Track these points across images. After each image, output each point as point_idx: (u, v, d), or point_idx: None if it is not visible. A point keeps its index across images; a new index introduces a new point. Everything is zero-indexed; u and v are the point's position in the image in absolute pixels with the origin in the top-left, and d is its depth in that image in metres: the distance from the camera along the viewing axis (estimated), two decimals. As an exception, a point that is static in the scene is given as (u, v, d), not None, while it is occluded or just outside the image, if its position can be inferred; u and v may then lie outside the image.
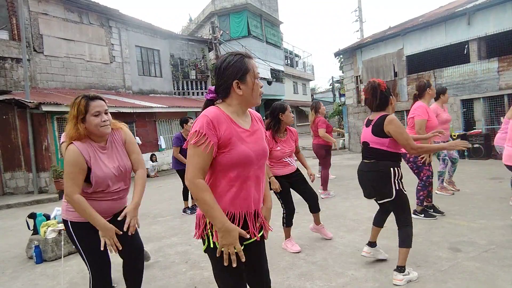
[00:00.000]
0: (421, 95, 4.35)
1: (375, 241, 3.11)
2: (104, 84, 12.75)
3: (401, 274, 2.68)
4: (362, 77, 13.19)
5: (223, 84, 1.53)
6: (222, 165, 1.50)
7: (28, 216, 4.29)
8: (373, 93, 2.80)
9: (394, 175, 2.69)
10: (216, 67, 1.56)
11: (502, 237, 3.46)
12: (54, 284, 3.35)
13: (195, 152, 1.45)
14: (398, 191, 2.70)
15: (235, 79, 1.50)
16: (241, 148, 1.50)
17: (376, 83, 2.81)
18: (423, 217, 4.25)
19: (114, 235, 2.10)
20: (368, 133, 2.80)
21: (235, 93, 1.52)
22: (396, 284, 2.66)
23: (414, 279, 2.74)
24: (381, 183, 2.72)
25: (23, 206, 8.16)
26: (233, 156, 1.49)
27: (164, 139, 13.31)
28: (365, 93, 2.92)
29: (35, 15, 10.66)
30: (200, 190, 1.45)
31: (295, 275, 3.03)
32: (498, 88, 9.15)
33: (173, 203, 6.66)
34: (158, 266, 3.55)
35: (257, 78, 1.56)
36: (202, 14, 23.79)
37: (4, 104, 9.45)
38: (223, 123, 1.48)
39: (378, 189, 2.78)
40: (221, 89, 1.54)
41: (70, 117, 2.11)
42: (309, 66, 37.98)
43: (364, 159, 2.89)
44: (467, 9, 9.54)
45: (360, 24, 19.94)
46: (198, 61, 17.00)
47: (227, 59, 1.53)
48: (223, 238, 1.46)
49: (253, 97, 1.56)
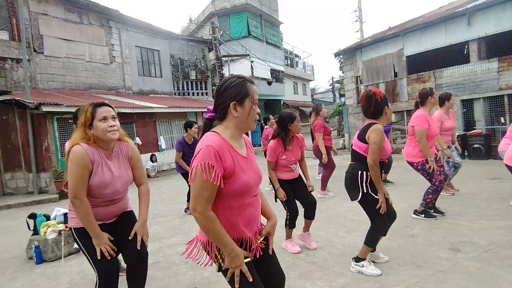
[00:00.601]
0: (423, 103, 4.28)
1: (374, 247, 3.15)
2: (104, 85, 12.75)
3: (354, 262, 2.99)
4: (362, 78, 13.20)
5: (221, 104, 1.54)
6: (224, 194, 1.51)
7: (28, 217, 4.29)
8: (368, 102, 2.87)
9: (361, 179, 2.82)
10: (218, 86, 1.58)
11: (502, 237, 3.46)
12: (54, 284, 3.34)
13: (205, 185, 1.42)
14: (365, 194, 2.82)
15: (234, 101, 1.51)
16: (243, 178, 1.52)
17: (371, 92, 2.88)
18: (423, 218, 4.26)
19: (108, 242, 2.14)
20: (355, 136, 2.96)
21: (231, 115, 1.53)
22: (350, 270, 2.99)
23: (366, 273, 2.89)
24: (350, 184, 2.92)
25: (23, 206, 8.16)
26: (235, 186, 1.50)
27: (164, 139, 13.31)
28: (361, 101, 3.01)
29: (35, 15, 10.66)
30: (211, 222, 1.45)
31: (295, 275, 3.03)
32: (498, 88, 9.15)
33: (173, 203, 6.66)
34: (158, 266, 3.55)
35: (255, 104, 1.57)
36: (202, 14, 23.81)
37: (4, 105, 9.45)
38: (226, 152, 1.48)
39: (349, 187, 2.97)
40: (219, 109, 1.55)
41: (79, 125, 2.17)
42: (309, 66, 38.00)
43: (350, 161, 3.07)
44: (467, 9, 9.55)
45: (360, 24, 19.95)
46: (198, 61, 17.01)
47: (229, 80, 1.55)
48: (231, 262, 1.51)
49: (248, 122, 1.57)
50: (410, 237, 3.72)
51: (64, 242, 3.93)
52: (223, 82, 1.56)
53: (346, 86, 14.27)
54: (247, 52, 19.33)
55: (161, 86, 15.28)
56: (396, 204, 5.02)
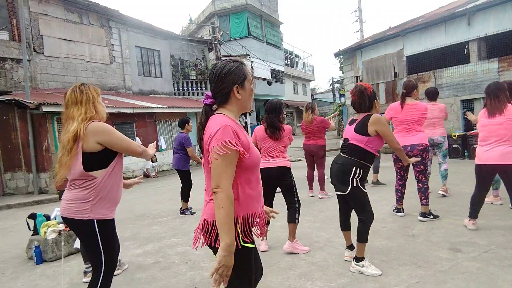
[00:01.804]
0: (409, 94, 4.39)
1: (352, 244, 3.22)
2: (104, 85, 12.75)
3: (354, 262, 2.99)
4: (362, 78, 13.20)
5: (223, 89, 1.57)
6: (243, 169, 1.54)
7: (28, 217, 4.29)
8: (360, 96, 2.97)
9: (354, 173, 2.87)
10: (216, 73, 1.58)
11: (502, 238, 3.46)
12: (54, 284, 3.34)
13: (228, 161, 1.45)
14: (354, 188, 2.88)
15: (236, 84, 1.57)
16: (255, 151, 1.61)
17: (363, 87, 2.98)
18: (432, 219, 4.21)
19: None
20: (351, 130, 2.97)
21: (235, 98, 1.58)
22: (350, 270, 3.00)
23: (367, 273, 2.89)
24: (340, 176, 2.95)
25: (23, 206, 8.17)
26: (252, 159, 1.56)
27: (164, 139, 13.31)
28: (352, 95, 3.05)
29: (35, 15, 10.66)
30: (229, 200, 1.45)
31: (295, 276, 3.03)
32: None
33: (173, 203, 6.66)
34: (158, 266, 3.55)
35: (251, 83, 1.64)
36: (202, 14, 23.82)
37: (4, 105, 9.45)
38: (239, 130, 1.54)
39: (338, 180, 3.00)
40: (220, 94, 1.58)
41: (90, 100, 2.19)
42: (309, 66, 38.01)
43: (340, 152, 3.08)
44: (467, 10, 9.55)
45: (360, 24, 19.95)
46: (198, 61, 17.01)
47: (227, 66, 1.58)
48: (226, 258, 1.41)
49: (249, 101, 1.66)
50: (410, 237, 3.72)
51: (64, 242, 3.93)
52: (221, 68, 1.58)
53: (346, 86, 14.28)
54: (247, 52, 19.34)
55: (161, 86, 15.28)
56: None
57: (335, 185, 3.09)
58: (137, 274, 3.40)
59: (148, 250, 4.08)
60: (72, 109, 2.17)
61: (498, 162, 3.48)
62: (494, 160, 3.51)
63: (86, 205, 2.11)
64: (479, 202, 3.74)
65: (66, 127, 2.16)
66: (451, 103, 10.31)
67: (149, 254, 3.96)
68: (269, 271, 3.15)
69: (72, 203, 2.14)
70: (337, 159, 3.07)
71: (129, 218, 5.77)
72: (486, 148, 3.60)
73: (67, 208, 2.16)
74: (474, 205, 3.75)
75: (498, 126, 3.50)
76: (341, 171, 2.95)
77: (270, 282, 2.94)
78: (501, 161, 3.46)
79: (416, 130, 4.25)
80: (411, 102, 4.30)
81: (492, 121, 3.55)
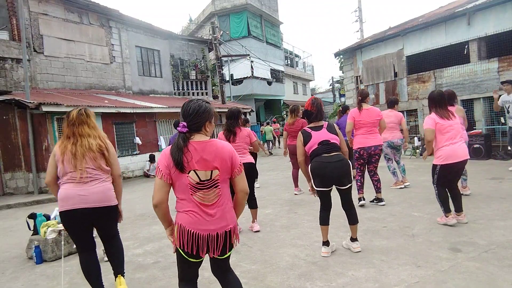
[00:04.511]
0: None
1: (328, 240, 3.45)
2: (104, 85, 12.75)
3: (357, 242, 3.43)
4: (362, 78, 13.20)
5: (198, 122, 1.93)
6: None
7: (28, 217, 4.29)
8: (319, 108, 3.46)
9: (352, 166, 3.46)
10: (194, 110, 1.92)
11: (502, 237, 3.46)
12: (54, 284, 3.35)
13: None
14: (352, 179, 3.41)
15: (208, 120, 1.97)
16: None
17: (319, 100, 3.54)
18: (383, 204, 5.02)
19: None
20: (324, 134, 3.35)
21: (205, 130, 1.97)
22: (357, 251, 3.37)
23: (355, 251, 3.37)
24: (346, 171, 3.30)
25: (23, 206, 8.16)
26: None
27: (164, 139, 13.31)
28: (312, 106, 3.46)
29: (35, 15, 10.66)
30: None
31: (295, 275, 3.03)
32: (498, 88, 9.14)
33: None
34: (158, 266, 3.55)
35: (215, 120, 2.11)
36: (202, 14, 23.83)
37: (4, 105, 9.45)
38: None
39: (344, 176, 3.28)
40: (195, 126, 1.92)
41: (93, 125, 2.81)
42: (309, 66, 38.00)
43: (326, 154, 3.30)
44: (467, 9, 9.55)
45: (360, 24, 19.95)
46: (198, 61, 17.01)
47: (203, 105, 1.95)
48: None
49: (210, 132, 2.04)
50: (410, 237, 3.72)
51: (64, 242, 3.93)
52: (199, 106, 1.93)
53: (346, 86, 14.28)
54: (247, 52, 19.33)
55: (161, 86, 15.28)
56: (397, 204, 5.04)
57: (336, 182, 3.32)
58: (137, 274, 3.40)
59: (148, 250, 4.08)
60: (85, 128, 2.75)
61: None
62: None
63: (113, 193, 2.79)
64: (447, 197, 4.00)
65: (80, 141, 2.69)
66: (451, 103, 10.30)
67: (149, 254, 3.96)
68: (269, 271, 3.15)
69: (108, 191, 2.73)
70: (331, 159, 3.28)
71: (129, 218, 5.77)
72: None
73: (107, 196, 2.71)
74: (443, 202, 3.97)
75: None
76: (344, 167, 3.29)
77: (270, 282, 2.94)
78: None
79: (375, 132, 5.03)
80: (367, 107, 5.04)
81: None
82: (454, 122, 3.87)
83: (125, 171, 11.51)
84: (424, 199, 5.17)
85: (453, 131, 3.83)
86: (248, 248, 3.80)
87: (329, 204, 3.45)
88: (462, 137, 3.99)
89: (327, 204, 3.44)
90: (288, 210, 5.37)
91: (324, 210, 3.45)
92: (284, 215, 5.05)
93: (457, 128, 3.88)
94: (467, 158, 3.90)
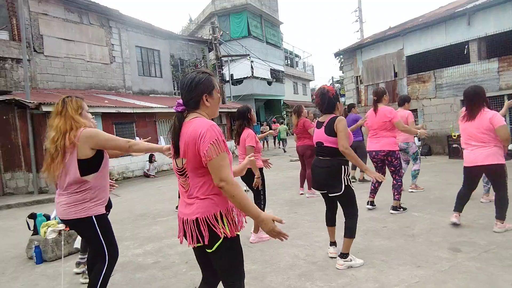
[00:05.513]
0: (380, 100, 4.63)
1: (335, 241, 3.35)
2: (104, 85, 12.75)
3: (343, 259, 3.06)
4: (362, 78, 13.20)
5: (194, 97, 1.72)
6: None
7: (28, 217, 4.29)
8: (322, 98, 3.13)
9: (344, 172, 3.02)
10: (187, 83, 1.72)
11: (502, 237, 3.46)
12: (55, 284, 3.35)
13: (223, 156, 1.61)
14: (346, 187, 3.00)
15: (205, 93, 1.73)
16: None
17: (325, 89, 3.16)
18: (402, 211, 4.61)
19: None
20: (321, 133, 3.12)
21: (204, 105, 1.74)
22: (338, 268, 3.05)
23: (355, 266, 3.05)
24: (333, 178, 3.03)
25: (23, 206, 8.16)
26: (230, 157, 1.70)
27: (164, 139, 13.30)
28: (316, 97, 3.25)
29: (35, 15, 10.66)
30: (237, 187, 1.60)
31: (295, 275, 3.03)
32: (498, 88, 9.15)
33: (173, 203, 6.66)
34: (158, 266, 3.56)
35: (218, 92, 1.81)
36: (202, 14, 23.83)
37: (5, 105, 9.45)
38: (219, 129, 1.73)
39: (330, 183, 3.05)
40: (191, 102, 1.72)
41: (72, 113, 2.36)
42: (309, 66, 38.03)
43: (319, 156, 3.18)
44: (467, 9, 9.55)
45: (360, 24, 19.95)
46: (198, 61, 17.02)
47: (196, 77, 1.72)
48: (265, 225, 1.63)
49: (217, 108, 1.82)
50: (410, 237, 3.72)
51: (64, 242, 3.93)
52: (191, 79, 1.72)
53: (346, 86, 14.28)
54: (247, 52, 19.33)
55: (161, 86, 15.28)
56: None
57: (323, 189, 3.16)
58: (137, 274, 3.40)
59: (148, 250, 4.08)
60: (54, 119, 2.36)
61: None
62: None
63: (84, 205, 2.32)
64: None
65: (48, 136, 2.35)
66: (451, 103, 10.32)
67: (149, 254, 3.96)
68: (269, 271, 3.15)
69: (71, 206, 2.31)
70: (318, 163, 3.15)
71: (129, 218, 5.77)
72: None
73: (67, 211, 2.32)
74: (456, 199, 3.89)
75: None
76: (330, 173, 3.04)
77: (270, 282, 2.94)
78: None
79: (382, 136, 4.57)
80: (381, 107, 4.61)
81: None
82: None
83: (125, 171, 11.52)
84: (424, 199, 5.17)
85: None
86: (248, 248, 3.80)
87: (330, 205, 3.33)
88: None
89: (329, 205, 3.35)
90: (288, 210, 5.37)
91: (327, 210, 3.38)
92: (284, 215, 5.05)
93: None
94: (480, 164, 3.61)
